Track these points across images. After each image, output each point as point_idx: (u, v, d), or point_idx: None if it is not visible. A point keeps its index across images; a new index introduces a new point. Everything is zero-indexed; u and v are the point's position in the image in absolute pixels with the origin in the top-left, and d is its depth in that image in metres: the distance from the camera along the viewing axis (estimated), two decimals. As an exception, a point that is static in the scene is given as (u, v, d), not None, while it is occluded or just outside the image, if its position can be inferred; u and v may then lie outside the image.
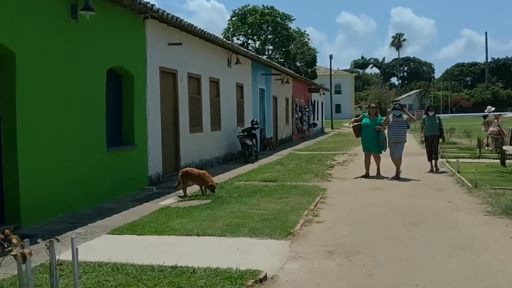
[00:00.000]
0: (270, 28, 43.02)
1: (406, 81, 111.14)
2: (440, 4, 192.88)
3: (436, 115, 13.01)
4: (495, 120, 18.09)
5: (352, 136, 20.53)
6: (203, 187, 9.31)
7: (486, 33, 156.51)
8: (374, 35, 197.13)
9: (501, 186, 9.64)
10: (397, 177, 11.37)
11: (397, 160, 11.65)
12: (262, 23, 42.45)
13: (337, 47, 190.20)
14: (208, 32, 13.20)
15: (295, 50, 43.67)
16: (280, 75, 23.05)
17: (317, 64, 47.72)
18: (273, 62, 24.38)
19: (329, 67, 46.62)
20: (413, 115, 15.14)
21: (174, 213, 7.71)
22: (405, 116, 11.95)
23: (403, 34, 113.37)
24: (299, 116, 28.59)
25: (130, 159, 10.03)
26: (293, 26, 44.49)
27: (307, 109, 30.34)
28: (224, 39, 14.82)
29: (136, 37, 10.33)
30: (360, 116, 12.55)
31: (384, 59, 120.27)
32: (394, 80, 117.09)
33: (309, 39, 44.66)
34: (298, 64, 45.83)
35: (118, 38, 9.60)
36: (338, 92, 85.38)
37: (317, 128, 36.18)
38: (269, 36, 43.77)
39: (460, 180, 10.65)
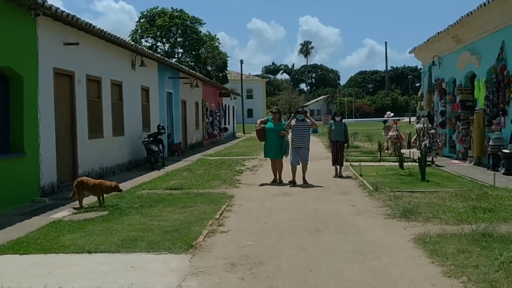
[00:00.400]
0: (179, 31, 42.32)
1: (314, 87, 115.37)
2: (344, 14, 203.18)
3: (343, 120, 13.31)
4: (394, 125, 19.10)
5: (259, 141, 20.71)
6: (100, 198, 8.67)
7: (386, 43, 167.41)
8: (284, 42, 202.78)
9: (400, 188, 10.03)
10: (304, 182, 11.40)
11: (304, 167, 11.66)
12: (171, 25, 41.64)
13: (248, 52, 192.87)
14: (108, 32, 12.47)
15: (205, 54, 43.35)
16: (188, 78, 22.59)
17: (228, 69, 47.67)
18: (181, 65, 23.86)
19: (236, 71, 46.79)
20: (316, 120, 15.40)
21: (66, 228, 7.03)
22: (308, 121, 11.96)
23: (311, 42, 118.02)
24: (210, 121, 28.30)
25: (18, 168, 9.10)
26: (203, 30, 44.09)
27: (218, 114, 30.14)
28: (128, 40, 14.11)
29: (26, 36, 9.42)
30: (265, 119, 12.35)
31: (293, 65, 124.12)
32: (303, 86, 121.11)
33: (219, 43, 44.62)
34: (209, 68, 45.56)
35: (4, 36, 8.67)
36: (249, 97, 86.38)
37: (229, 132, 36.13)
38: (178, 39, 43.03)
39: (362, 184, 10.95)
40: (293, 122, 11.69)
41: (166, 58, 19.49)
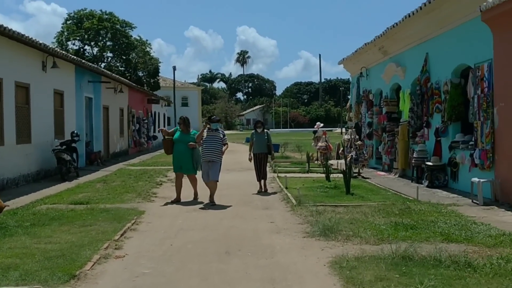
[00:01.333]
0: (109, 34, 40.47)
1: (250, 97, 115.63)
2: (281, 26, 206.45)
3: (265, 130, 12.11)
4: (323, 136, 18.91)
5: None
6: (-18, 216, 7.47)
7: (319, 55, 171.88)
8: (222, 51, 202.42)
9: (323, 202, 9.57)
10: (212, 204, 9.71)
11: (212, 185, 9.92)
12: (100, 28, 39.67)
13: (186, 60, 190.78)
14: (10, 28, 11.19)
15: (136, 59, 41.74)
16: (111, 83, 21.28)
17: (163, 75, 45.89)
18: (103, 69, 22.51)
19: (170, 77, 45.41)
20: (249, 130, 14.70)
21: None
22: (221, 131, 10.52)
23: (247, 52, 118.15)
24: (137, 128, 26.99)
25: None
26: (135, 34, 42.43)
27: (146, 121, 28.85)
28: (36, 39, 12.78)
29: None
30: (173, 129, 10.82)
31: (230, 74, 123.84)
32: (240, 95, 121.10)
33: (151, 48, 43.04)
34: (140, 74, 43.95)
35: None
36: (185, 104, 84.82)
37: (158, 140, 34.75)
38: (108, 43, 41.14)
39: (286, 197, 10.40)
40: (205, 133, 10.13)
41: (83, 60, 18.09)
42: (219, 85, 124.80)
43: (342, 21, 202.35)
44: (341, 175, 12.89)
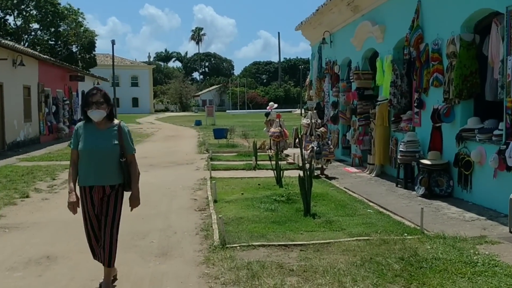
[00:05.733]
0: (33, 2, 34.77)
1: (207, 77, 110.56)
2: (239, 5, 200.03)
3: (117, 121, 4.24)
4: (277, 119, 14.91)
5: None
6: None
7: (278, 33, 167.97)
8: (179, 30, 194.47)
9: (266, 237, 5.60)
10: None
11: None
12: (22, -4, 34.01)
13: (142, 39, 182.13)
14: None
15: (67, 32, 36.28)
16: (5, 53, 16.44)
17: (114, 54, 40.04)
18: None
19: (125, 57, 40.33)
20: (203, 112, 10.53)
21: None
22: None
23: (202, 29, 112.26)
24: (54, 111, 22.18)
25: None
26: (64, 2, 36.77)
27: (68, 102, 24.01)
28: None
29: None
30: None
31: (186, 53, 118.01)
32: (196, 75, 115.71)
33: (84, 18, 37.55)
34: (74, 49, 38.53)
35: None
36: (135, 84, 79.12)
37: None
38: (33, 13, 35.42)
39: (207, 226, 6.33)
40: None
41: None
42: (174, 64, 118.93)
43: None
44: (298, 173, 9.03)
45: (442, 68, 8.09)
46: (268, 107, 16.94)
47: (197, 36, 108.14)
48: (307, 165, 7.26)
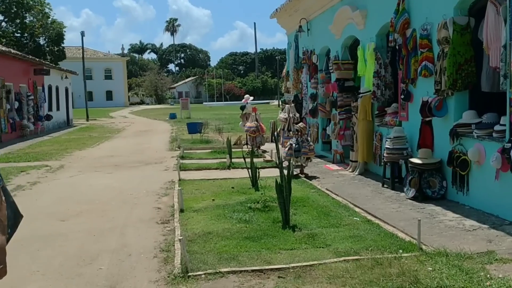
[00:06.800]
0: (-5, -8, 32.97)
1: (183, 68, 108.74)
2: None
3: None
4: (253, 113, 13.99)
5: (97, 131, 14.25)
6: None
7: (254, 23, 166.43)
8: (153, 21, 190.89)
9: (238, 259, 4.70)
10: None
11: None
12: (-20, -18, 32.17)
13: (116, 31, 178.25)
14: None
15: (33, 23, 34.53)
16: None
17: (86, 47, 38.30)
18: None
19: (99, 50, 38.65)
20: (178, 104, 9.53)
21: None
22: None
23: (177, 19, 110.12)
24: (16, 107, 20.80)
25: None
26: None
27: (32, 97, 22.60)
28: None
29: None
30: None
31: (162, 45, 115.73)
32: (171, 66, 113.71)
33: (51, 9, 35.79)
34: (42, 41, 36.76)
35: None
36: (108, 77, 77.03)
37: (59, 120, 28.58)
38: (-4, 4, 33.58)
39: (170, 244, 5.40)
40: None
41: None
42: (149, 56, 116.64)
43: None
44: (276, 171, 8.19)
45: (433, 55, 7.27)
46: (243, 100, 16.03)
47: (171, 27, 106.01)
48: (285, 170, 6.35)
